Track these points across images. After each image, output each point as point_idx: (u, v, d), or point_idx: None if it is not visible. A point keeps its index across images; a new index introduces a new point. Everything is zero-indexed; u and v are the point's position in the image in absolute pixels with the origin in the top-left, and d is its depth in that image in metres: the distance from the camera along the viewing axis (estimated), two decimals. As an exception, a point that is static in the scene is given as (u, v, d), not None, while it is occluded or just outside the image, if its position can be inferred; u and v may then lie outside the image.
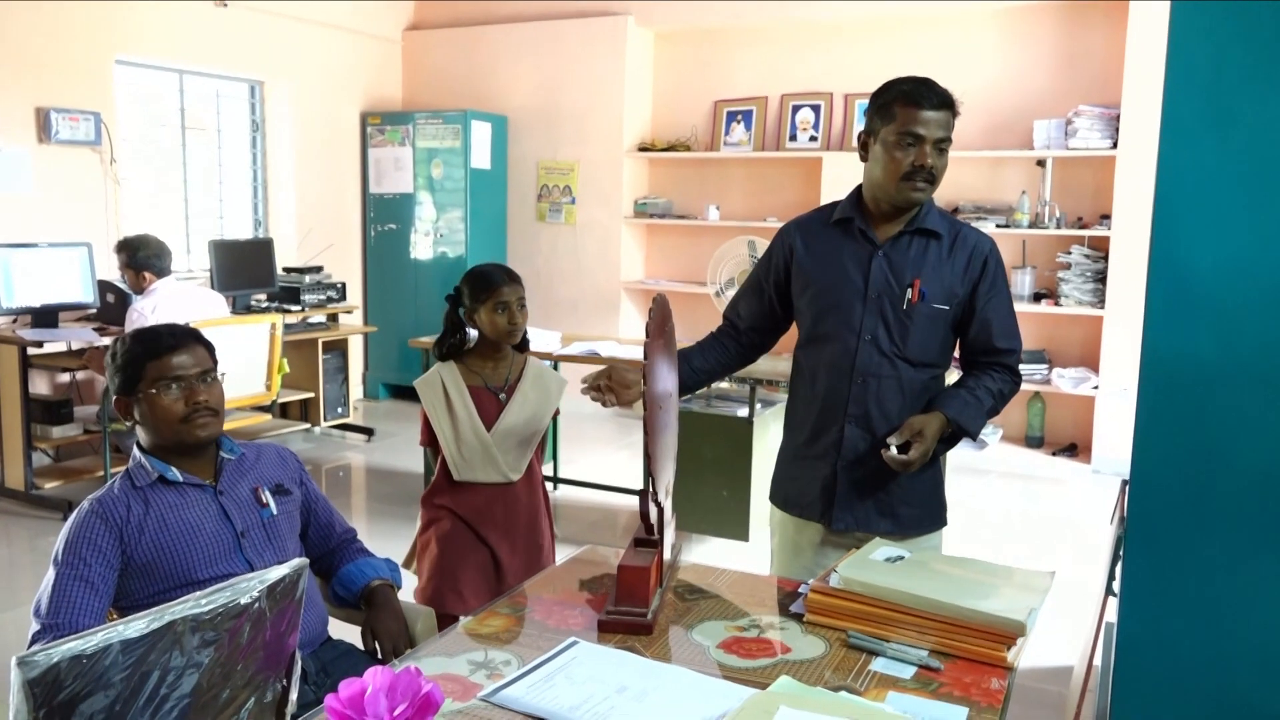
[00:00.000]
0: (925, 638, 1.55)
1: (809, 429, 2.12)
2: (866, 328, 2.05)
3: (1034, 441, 5.88)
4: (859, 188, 2.14)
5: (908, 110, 1.96)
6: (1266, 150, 1.84)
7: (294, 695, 1.02)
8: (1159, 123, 1.97)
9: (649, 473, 1.64)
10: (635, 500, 4.87)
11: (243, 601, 0.91)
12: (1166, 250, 1.94)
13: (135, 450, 1.91)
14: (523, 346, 2.69)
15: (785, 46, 6.51)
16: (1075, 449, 5.80)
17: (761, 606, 1.75)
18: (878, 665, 1.51)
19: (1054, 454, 5.77)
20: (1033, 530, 4.71)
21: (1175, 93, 1.92)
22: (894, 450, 1.94)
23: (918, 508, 2.11)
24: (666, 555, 1.80)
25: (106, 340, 4.85)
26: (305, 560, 1.01)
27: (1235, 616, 1.92)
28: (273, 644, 0.96)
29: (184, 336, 1.88)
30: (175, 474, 1.88)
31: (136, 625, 0.83)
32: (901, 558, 1.72)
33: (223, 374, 1.91)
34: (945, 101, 1.98)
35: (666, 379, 1.77)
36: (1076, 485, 5.45)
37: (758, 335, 2.27)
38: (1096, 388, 5.60)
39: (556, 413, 2.71)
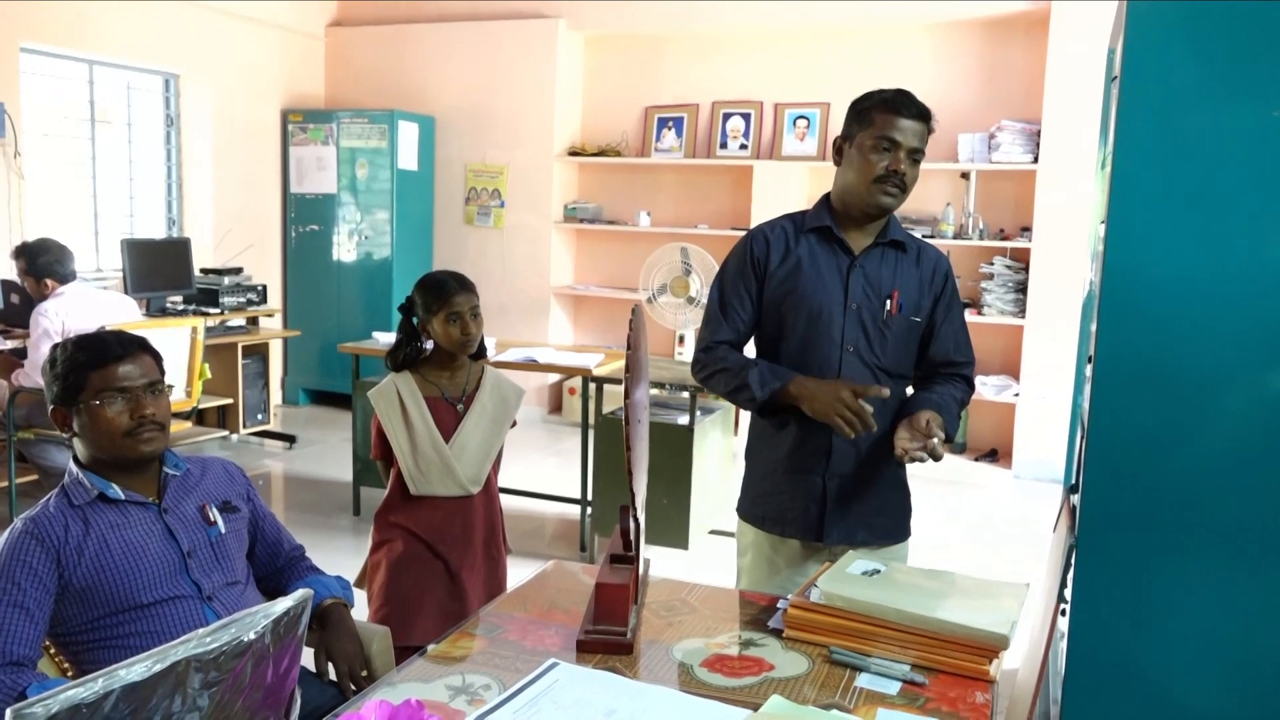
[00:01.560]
0: (907, 652, 1.55)
1: (790, 444, 2.10)
2: (848, 339, 2.05)
3: (956, 447, 6.01)
4: (826, 197, 2.14)
5: (886, 116, 1.98)
6: (1215, 164, 1.89)
7: (292, 735, 0.96)
8: (1113, 137, 2.02)
9: (630, 487, 1.60)
10: (565, 509, 4.82)
11: (247, 638, 0.84)
12: (1119, 262, 1.98)
13: (72, 465, 1.79)
14: (479, 355, 2.62)
15: (717, 54, 6.53)
16: (996, 454, 5.95)
17: (738, 622, 1.72)
18: (863, 681, 1.50)
19: (976, 459, 5.91)
20: (962, 536, 4.80)
21: (1128, 108, 1.96)
22: (920, 451, 1.92)
23: (890, 518, 2.13)
24: (640, 570, 1.77)
25: (10, 344, 4.59)
26: (309, 592, 0.94)
27: (1186, 623, 1.97)
28: (274, 685, 0.89)
29: (131, 345, 1.77)
30: (116, 491, 1.77)
31: (138, 669, 0.76)
32: (878, 571, 1.72)
33: (170, 385, 1.81)
34: (922, 114, 2.01)
35: (643, 388, 1.73)
36: (999, 490, 5.59)
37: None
38: (1017, 395, 5.76)
39: (514, 423, 2.65)
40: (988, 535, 4.88)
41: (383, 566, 2.52)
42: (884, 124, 1.98)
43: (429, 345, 2.58)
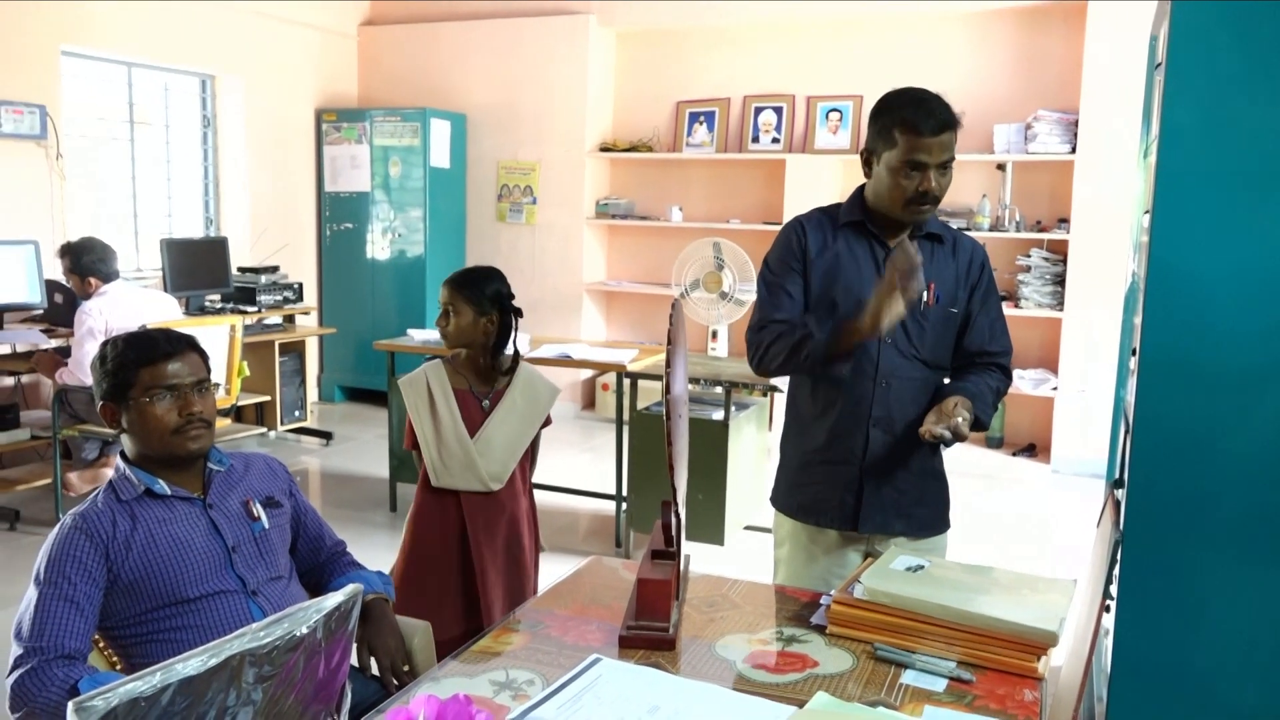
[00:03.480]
0: (953, 649, 1.53)
1: (825, 434, 2.09)
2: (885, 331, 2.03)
3: (994, 442, 5.95)
4: (860, 189, 2.12)
5: (908, 138, 1.92)
6: (1263, 154, 1.85)
7: (343, 729, 0.97)
8: (1157, 126, 1.98)
9: (671, 482, 1.60)
10: (600, 505, 4.82)
11: (300, 633, 0.85)
12: (1165, 255, 1.94)
13: (119, 461, 1.82)
14: (509, 362, 2.61)
15: (748, 48, 6.50)
16: (1034, 449, 5.88)
17: (779, 618, 1.72)
18: (908, 678, 1.49)
19: (1014, 454, 5.85)
20: (999, 531, 4.75)
21: (1173, 98, 1.92)
22: (943, 429, 1.89)
23: (930, 509, 2.11)
24: (681, 566, 1.76)
25: (54, 343, 4.66)
26: (359, 586, 0.95)
27: (1234, 619, 1.93)
28: (325, 679, 0.90)
29: (179, 343, 1.80)
30: (163, 486, 1.79)
31: (193, 663, 0.77)
32: (922, 566, 1.70)
33: (216, 384, 1.83)
34: (946, 123, 1.94)
35: (682, 382, 1.73)
36: (1037, 485, 5.53)
37: None
38: (1055, 389, 5.69)
39: (549, 421, 2.64)
40: (1026, 531, 4.82)
41: (406, 561, 2.54)
42: (908, 146, 1.92)
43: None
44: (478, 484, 2.51)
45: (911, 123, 1.92)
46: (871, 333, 1.91)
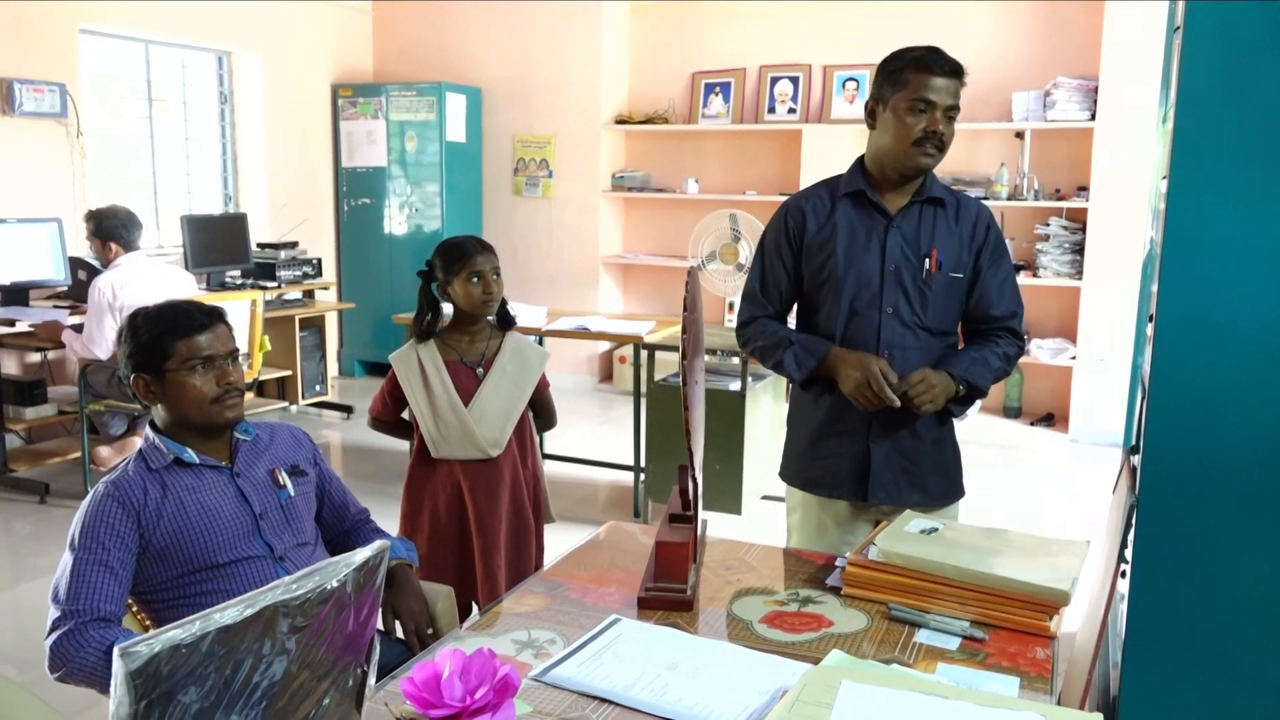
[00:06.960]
0: (966, 609, 1.56)
1: (833, 407, 2.11)
2: (887, 300, 2.05)
3: (1012, 412, 5.95)
4: (860, 160, 2.14)
5: (920, 76, 1.98)
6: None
7: (373, 680, 1.00)
8: (1175, 90, 1.97)
9: (688, 447, 1.63)
10: (618, 475, 4.86)
11: (330, 586, 0.88)
12: (1181, 221, 1.94)
13: (149, 431, 1.86)
14: (508, 324, 2.64)
15: (763, 18, 6.46)
16: (1052, 419, 5.88)
17: (795, 580, 1.75)
18: (922, 637, 1.51)
19: (1032, 424, 5.85)
20: (1017, 499, 4.76)
21: (1191, 62, 1.91)
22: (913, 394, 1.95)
23: (944, 478, 2.13)
24: (698, 529, 1.79)
25: (77, 319, 4.72)
26: (386, 542, 0.98)
27: (1249, 585, 1.94)
28: (354, 632, 0.93)
29: (212, 315, 1.85)
30: (191, 455, 1.83)
31: (230, 613, 0.81)
32: (935, 529, 1.73)
33: (244, 354, 1.87)
34: (955, 70, 2.01)
35: (699, 349, 1.75)
36: (1055, 455, 5.53)
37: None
38: (1074, 358, 5.67)
39: (546, 384, 2.68)
40: (1044, 500, 4.83)
41: (402, 534, 2.57)
42: (918, 84, 1.97)
43: (448, 310, 2.61)
44: (477, 452, 2.54)
45: (924, 62, 1.98)
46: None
